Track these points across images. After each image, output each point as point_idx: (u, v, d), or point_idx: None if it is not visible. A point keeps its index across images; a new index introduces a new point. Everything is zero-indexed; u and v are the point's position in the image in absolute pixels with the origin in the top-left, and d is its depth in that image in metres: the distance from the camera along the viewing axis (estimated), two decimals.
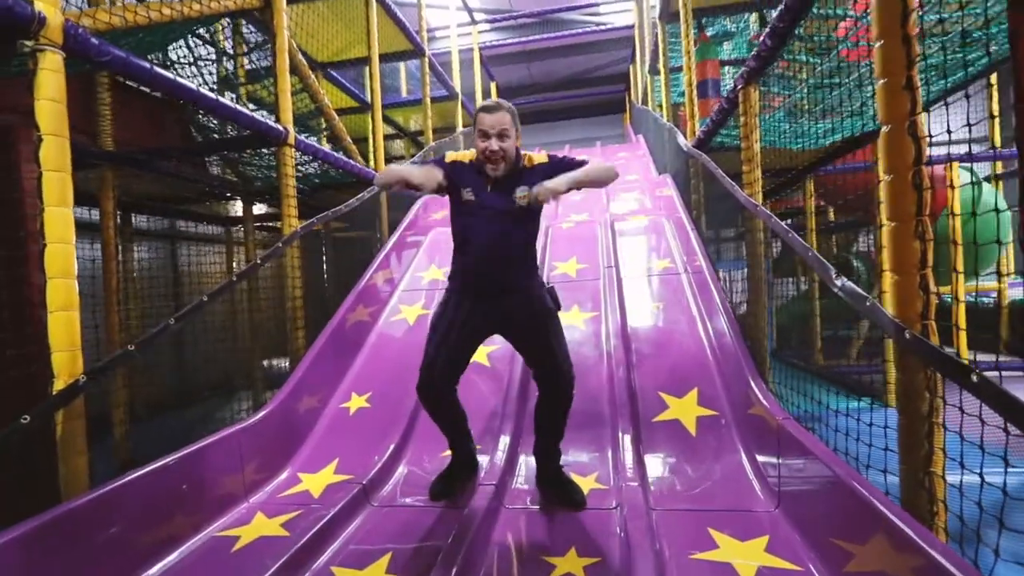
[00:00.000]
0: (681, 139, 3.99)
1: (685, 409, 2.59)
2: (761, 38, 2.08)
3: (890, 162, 1.25)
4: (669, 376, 2.80)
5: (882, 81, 1.27)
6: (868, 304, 1.40)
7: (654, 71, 6.21)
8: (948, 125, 1.33)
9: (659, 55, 5.08)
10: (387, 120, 7.29)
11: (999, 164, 5.38)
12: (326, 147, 3.53)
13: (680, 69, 5.57)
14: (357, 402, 2.98)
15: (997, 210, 2.24)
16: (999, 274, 5.63)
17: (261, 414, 2.51)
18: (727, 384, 2.65)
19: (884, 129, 1.27)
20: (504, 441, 2.49)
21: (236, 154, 3.44)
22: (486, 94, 9.00)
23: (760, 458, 2.15)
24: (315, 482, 2.41)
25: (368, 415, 2.88)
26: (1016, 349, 5.51)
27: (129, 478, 1.76)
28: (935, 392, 1.24)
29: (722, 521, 1.87)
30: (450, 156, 2.00)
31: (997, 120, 5.27)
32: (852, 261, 6.51)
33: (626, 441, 2.39)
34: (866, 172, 4.14)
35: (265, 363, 4.80)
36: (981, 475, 1.14)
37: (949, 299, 5.10)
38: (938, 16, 1.85)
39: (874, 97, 2.25)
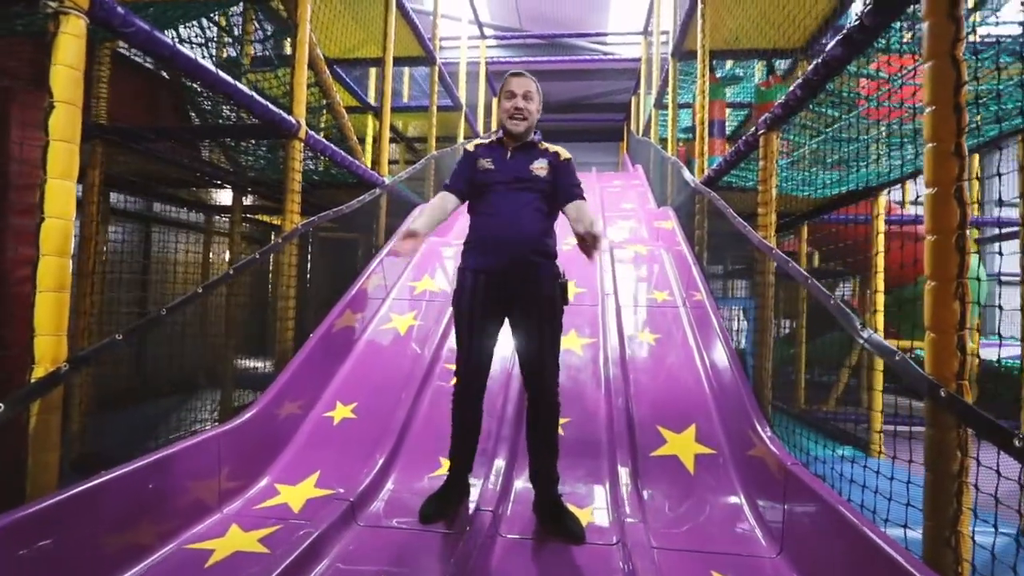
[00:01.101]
0: (687, 174, 4.03)
1: (683, 445, 2.55)
2: (791, 88, 2.10)
3: (935, 224, 1.25)
4: (667, 410, 2.77)
5: (931, 145, 1.27)
6: (898, 359, 1.38)
7: (660, 105, 6.32)
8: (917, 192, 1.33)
9: (668, 90, 5.16)
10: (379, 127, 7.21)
11: (976, 231, 5.61)
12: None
13: (686, 106, 5.69)
14: (342, 412, 2.86)
15: (979, 279, 2.30)
16: (975, 334, 5.82)
17: (243, 418, 2.37)
18: (725, 422, 2.63)
19: (930, 191, 1.28)
20: (499, 465, 2.40)
21: (236, 142, 3.30)
22: (487, 109, 9.03)
23: (761, 502, 2.11)
24: (294, 495, 2.27)
25: (353, 426, 2.76)
26: (993, 407, 5.67)
27: (100, 480, 1.61)
28: (966, 452, 1.22)
29: (724, 564, 1.82)
30: (472, 144, 2.09)
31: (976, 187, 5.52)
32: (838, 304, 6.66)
33: (624, 475, 2.33)
34: (861, 225, 4.26)
35: (237, 363, 4.59)
36: (1018, 539, 1.11)
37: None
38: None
39: (877, 154, 2.28)
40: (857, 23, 1.56)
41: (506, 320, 2.05)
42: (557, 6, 9.02)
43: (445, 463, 2.40)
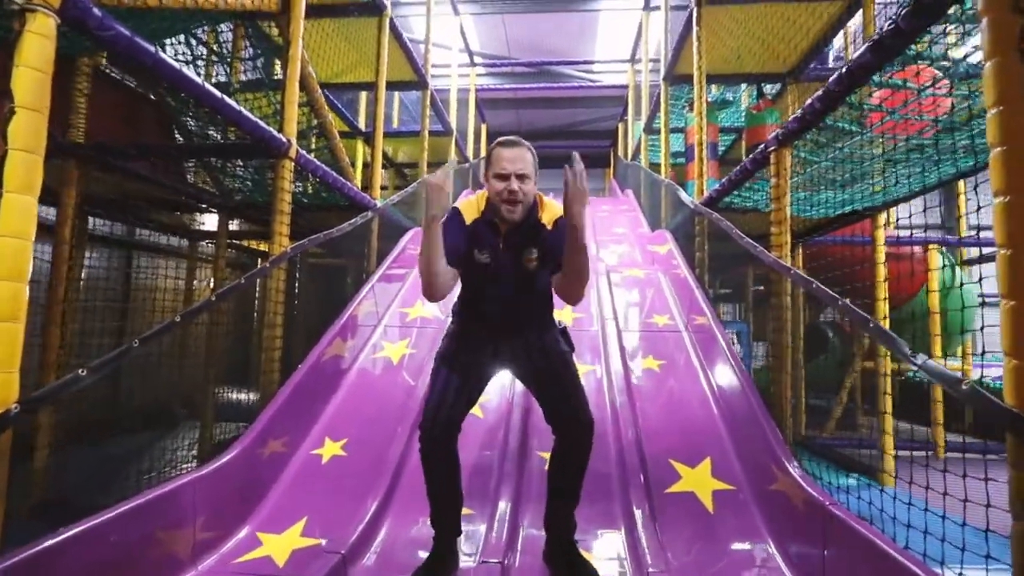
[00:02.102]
0: (684, 196, 3.97)
1: (699, 481, 2.39)
2: (809, 101, 2.03)
3: (1010, 237, 1.15)
4: (679, 442, 2.61)
5: (1001, 149, 1.18)
6: (965, 387, 1.26)
7: (650, 130, 6.35)
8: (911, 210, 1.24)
9: (660, 114, 5.16)
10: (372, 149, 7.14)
11: (964, 251, 5.66)
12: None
13: (677, 130, 5.71)
14: (331, 449, 2.64)
15: (966, 305, 2.22)
16: (963, 355, 5.83)
17: (222, 460, 2.15)
18: (743, 455, 2.47)
19: (1001, 200, 1.17)
20: (503, 507, 2.20)
21: (222, 163, 3.15)
22: (476, 135, 9.04)
23: (793, 547, 1.95)
24: (278, 545, 2.05)
25: (343, 465, 2.54)
26: (978, 431, 5.63)
27: (54, 541, 1.39)
28: None
29: None
30: (463, 210, 1.81)
31: (963, 209, 5.59)
32: (826, 330, 6.64)
33: (640, 516, 2.14)
34: (854, 246, 4.23)
35: (219, 394, 4.33)
36: None
37: (916, 376, 5.20)
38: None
39: (883, 173, 2.18)
40: (892, 26, 1.48)
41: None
42: (545, 36, 9.17)
43: None
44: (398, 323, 3.80)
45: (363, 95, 6.92)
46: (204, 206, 3.88)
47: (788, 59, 4.59)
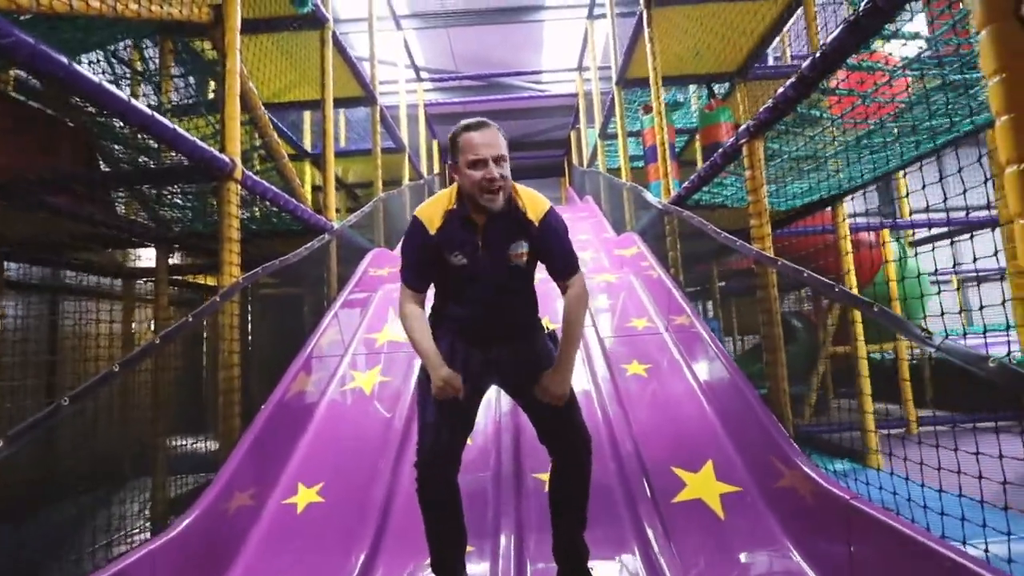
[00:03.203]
0: (650, 197, 3.94)
1: (704, 486, 2.28)
2: (781, 89, 2.00)
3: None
4: (678, 447, 2.51)
5: (1008, 117, 1.13)
6: (993, 364, 1.20)
7: (605, 135, 6.38)
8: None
9: (613, 119, 5.18)
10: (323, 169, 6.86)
11: (910, 232, 5.93)
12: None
13: (635, 134, 5.75)
14: (306, 496, 2.38)
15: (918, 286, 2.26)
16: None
17: (182, 525, 1.87)
18: (744, 453, 2.39)
19: (1013, 169, 1.12)
20: (505, 541, 2.01)
21: (156, 191, 2.85)
22: (428, 151, 8.88)
23: (812, 545, 1.86)
24: None
25: (322, 513, 2.29)
26: (940, 403, 5.86)
27: None
28: None
29: None
30: (425, 217, 1.62)
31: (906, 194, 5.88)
32: (792, 321, 6.81)
33: (652, 535, 2.01)
34: (814, 236, 4.31)
35: (171, 444, 3.93)
36: None
37: (889, 356, 5.38)
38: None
39: (847, 162, 2.17)
40: (869, 4, 1.44)
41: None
42: (491, 48, 9.16)
43: None
44: (366, 350, 3.55)
45: (307, 115, 6.64)
46: (139, 240, 3.53)
47: (735, 59, 4.69)
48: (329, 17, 3.93)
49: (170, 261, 3.82)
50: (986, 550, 1.40)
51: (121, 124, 2.41)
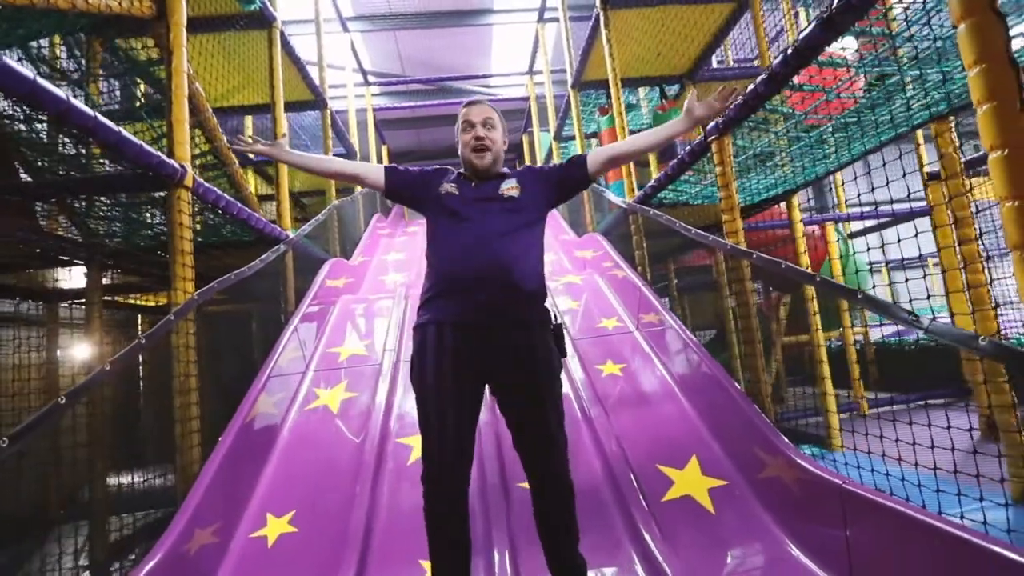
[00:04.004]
0: (613, 197, 3.97)
1: (691, 482, 2.29)
2: (751, 86, 2.04)
3: (1015, 189, 1.14)
4: (661, 444, 2.51)
5: (989, 105, 1.18)
6: (983, 343, 1.24)
7: (560, 137, 6.42)
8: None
9: (569, 121, 5.21)
10: (267, 177, 6.53)
11: (849, 225, 6.32)
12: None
13: (590, 135, 5.81)
14: (277, 526, 2.21)
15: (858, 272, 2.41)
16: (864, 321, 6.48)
17: (141, 573, 1.67)
18: (727, 445, 2.42)
19: (998, 154, 1.17)
20: (499, 558, 1.93)
21: (86, 202, 2.55)
22: (379, 158, 8.64)
23: (805, 530, 1.89)
24: None
25: (296, 544, 2.12)
26: (883, 385, 6.26)
27: None
28: None
29: None
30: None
31: (842, 188, 6.27)
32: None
33: (646, 534, 1.98)
34: (764, 231, 4.51)
35: (111, 481, 3.57)
36: None
37: (837, 344, 5.69)
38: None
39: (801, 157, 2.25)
40: (843, 2, 1.48)
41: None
42: (439, 52, 9.05)
43: (428, 567, 1.91)
44: (329, 366, 3.37)
45: (248, 120, 6.29)
46: (70, 258, 3.19)
47: (685, 62, 4.84)
48: (276, 16, 3.72)
49: (104, 281, 3.48)
50: (961, 516, 1.47)
51: (45, 127, 2.16)
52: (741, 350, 5.20)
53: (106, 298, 3.66)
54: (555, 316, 1.69)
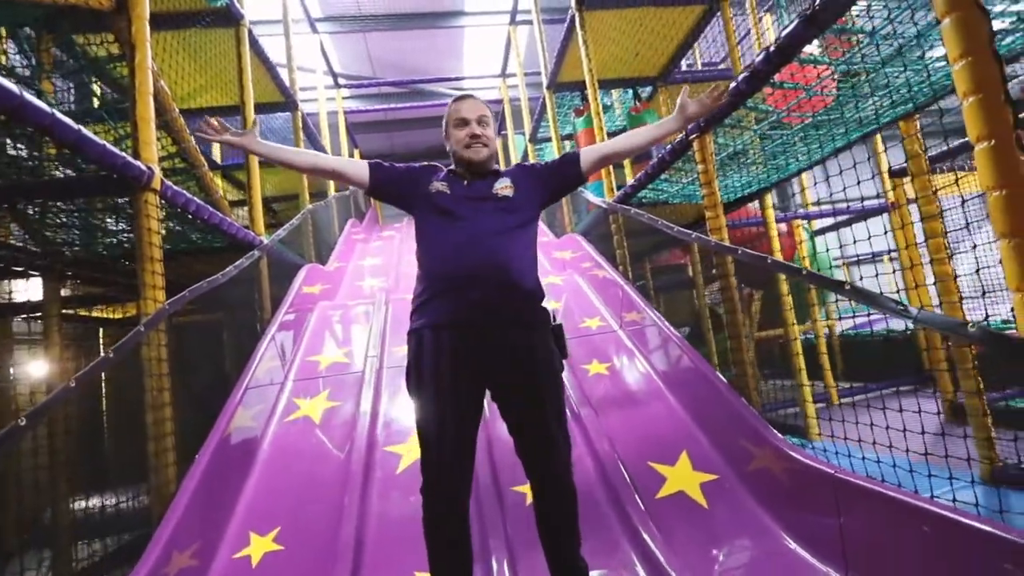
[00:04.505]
0: (592, 197, 3.98)
1: (683, 477, 2.29)
2: (734, 84, 2.06)
3: (1001, 179, 1.17)
4: (651, 442, 2.50)
5: (975, 98, 1.20)
6: (973, 329, 1.27)
7: (536, 139, 6.42)
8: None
9: (544, 123, 5.21)
10: (236, 183, 6.32)
11: (813, 222, 6.52)
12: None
13: (568, 137, 5.83)
14: (261, 545, 2.11)
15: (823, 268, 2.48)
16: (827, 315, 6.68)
17: None
18: (716, 439, 2.43)
19: (984, 146, 1.20)
20: (496, 566, 1.89)
21: (40, 208, 2.38)
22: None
23: (797, 520, 1.91)
24: None
25: (283, 562, 2.03)
26: (849, 375, 6.46)
27: None
28: None
29: None
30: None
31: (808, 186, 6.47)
32: (718, 311, 7.24)
33: (645, 534, 1.97)
34: (748, 227, 4.60)
35: (74, 505, 3.36)
36: None
37: (807, 337, 5.84)
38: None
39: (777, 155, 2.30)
40: None
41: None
42: (410, 54, 8.95)
43: None
44: (309, 375, 3.26)
45: (213, 122, 6.08)
46: (23, 269, 2.99)
47: (657, 64, 4.90)
48: (244, 14, 3.59)
49: (63, 292, 3.29)
50: (931, 496, 1.52)
51: None
52: (718, 346, 5.32)
53: (66, 311, 3.46)
54: (554, 316, 1.65)
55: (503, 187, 1.63)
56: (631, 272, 3.90)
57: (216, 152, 6.12)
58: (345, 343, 3.59)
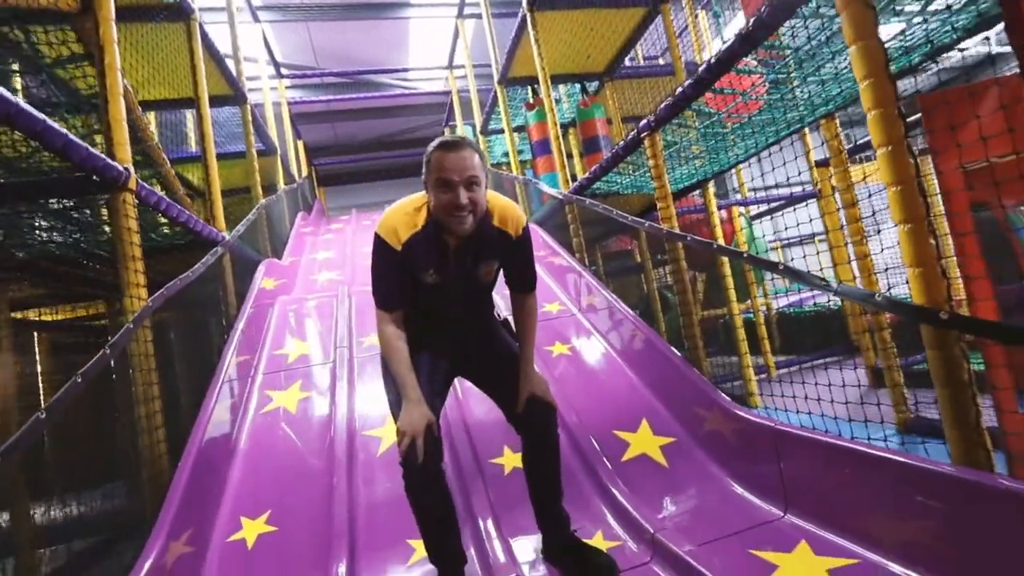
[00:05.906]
0: (547, 188, 4.20)
1: (645, 442, 2.57)
2: (679, 89, 2.32)
3: (897, 176, 1.46)
4: (614, 412, 2.77)
5: (876, 111, 1.49)
6: (878, 299, 1.57)
7: (487, 131, 6.55)
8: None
9: (496, 117, 5.37)
10: (185, 183, 6.07)
11: (750, 209, 7.07)
12: None
13: (519, 128, 6.01)
14: (253, 528, 2.21)
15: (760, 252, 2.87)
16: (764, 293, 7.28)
17: None
18: (672, 406, 2.72)
19: (884, 150, 1.49)
20: (483, 524, 2.08)
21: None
22: (296, 153, 8.27)
23: (742, 469, 2.22)
24: None
25: (278, 542, 2.14)
26: (786, 349, 7.08)
27: None
28: (969, 363, 1.41)
29: (756, 540, 1.85)
30: (391, 231, 1.57)
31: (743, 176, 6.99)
32: (665, 293, 7.69)
33: (614, 490, 2.22)
34: (692, 214, 4.98)
35: (35, 511, 3.25)
36: None
37: (746, 315, 6.36)
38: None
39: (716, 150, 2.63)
40: (757, 20, 1.77)
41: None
42: (354, 45, 8.79)
43: (417, 545, 2.03)
44: (278, 368, 3.31)
45: (152, 116, 5.81)
46: None
47: (603, 61, 5.16)
48: (195, 8, 3.50)
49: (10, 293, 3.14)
50: None
51: None
52: (667, 325, 5.72)
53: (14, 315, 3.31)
54: (498, 313, 1.95)
55: (487, 271, 1.70)
56: (586, 258, 4.16)
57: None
58: (313, 335, 3.65)
